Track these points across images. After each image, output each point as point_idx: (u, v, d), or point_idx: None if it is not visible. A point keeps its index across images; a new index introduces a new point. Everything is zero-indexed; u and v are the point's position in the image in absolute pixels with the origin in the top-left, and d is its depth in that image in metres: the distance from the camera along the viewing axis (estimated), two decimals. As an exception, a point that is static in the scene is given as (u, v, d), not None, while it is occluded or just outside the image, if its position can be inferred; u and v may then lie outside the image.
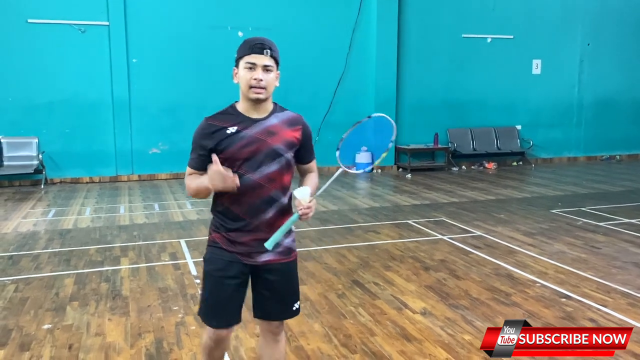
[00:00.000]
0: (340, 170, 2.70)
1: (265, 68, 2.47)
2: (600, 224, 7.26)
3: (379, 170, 12.37)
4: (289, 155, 2.58)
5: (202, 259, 2.75)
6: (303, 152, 2.67)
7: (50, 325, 4.15)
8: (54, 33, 10.47)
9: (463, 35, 13.08)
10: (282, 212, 2.60)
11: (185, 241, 6.44)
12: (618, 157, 14.70)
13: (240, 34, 11.30)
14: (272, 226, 2.56)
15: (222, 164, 2.42)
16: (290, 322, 4.16)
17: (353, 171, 2.72)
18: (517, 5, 13.42)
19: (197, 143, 2.54)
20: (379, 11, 12.14)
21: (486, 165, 13.18)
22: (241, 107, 2.56)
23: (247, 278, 2.66)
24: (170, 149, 11.26)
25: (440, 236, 6.68)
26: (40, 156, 10.37)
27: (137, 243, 6.47)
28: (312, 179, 2.72)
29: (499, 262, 5.63)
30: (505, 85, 13.58)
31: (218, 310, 2.64)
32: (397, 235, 6.82)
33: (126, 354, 3.70)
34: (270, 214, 2.57)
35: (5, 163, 10.28)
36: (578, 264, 5.58)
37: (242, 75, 2.48)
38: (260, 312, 2.71)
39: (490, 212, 8.07)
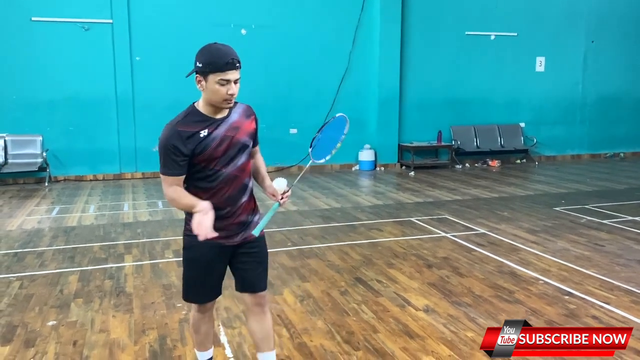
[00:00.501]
0: (310, 162, 3.04)
1: (236, 81, 2.61)
2: (604, 221, 7.25)
3: (382, 168, 12.38)
4: (251, 143, 2.85)
5: None
6: (255, 138, 2.91)
7: (54, 322, 4.18)
8: (58, 31, 10.49)
9: (466, 33, 13.04)
10: (251, 195, 2.89)
11: (189, 238, 6.45)
12: (622, 154, 14.65)
13: (243, 31, 11.31)
14: (246, 209, 2.84)
15: (200, 164, 2.66)
16: (293, 318, 4.18)
17: (320, 162, 3.09)
18: (520, 2, 13.36)
19: (172, 150, 2.62)
20: (382, 8, 12.11)
21: (489, 162, 13.16)
22: (204, 109, 2.70)
23: (226, 258, 2.87)
24: (174, 147, 11.24)
25: (443, 234, 6.69)
26: (44, 154, 10.40)
27: (140, 240, 6.50)
28: (262, 159, 3.04)
29: (502, 260, 5.63)
30: (509, 82, 13.54)
31: (200, 291, 2.92)
32: (400, 232, 6.82)
33: (130, 351, 3.72)
34: (244, 199, 2.83)
35: (9, 161, 10.32)
36: (581, 261, 5.58)
37: (215, 89, 2.58)
38: (246, 285, 2.89)
39: (494, 209, 8.07)
